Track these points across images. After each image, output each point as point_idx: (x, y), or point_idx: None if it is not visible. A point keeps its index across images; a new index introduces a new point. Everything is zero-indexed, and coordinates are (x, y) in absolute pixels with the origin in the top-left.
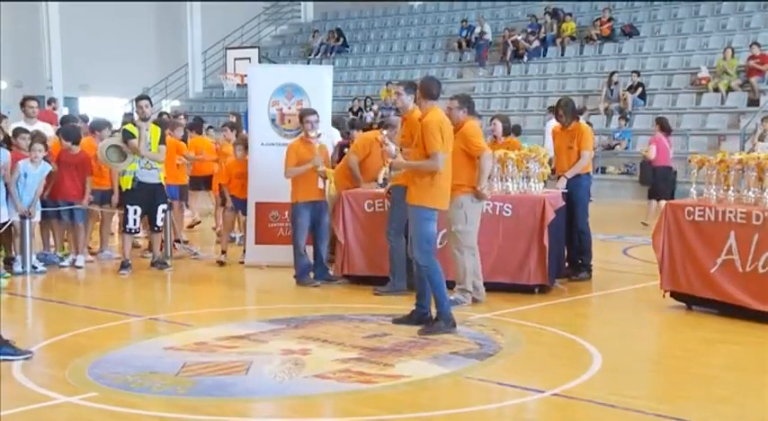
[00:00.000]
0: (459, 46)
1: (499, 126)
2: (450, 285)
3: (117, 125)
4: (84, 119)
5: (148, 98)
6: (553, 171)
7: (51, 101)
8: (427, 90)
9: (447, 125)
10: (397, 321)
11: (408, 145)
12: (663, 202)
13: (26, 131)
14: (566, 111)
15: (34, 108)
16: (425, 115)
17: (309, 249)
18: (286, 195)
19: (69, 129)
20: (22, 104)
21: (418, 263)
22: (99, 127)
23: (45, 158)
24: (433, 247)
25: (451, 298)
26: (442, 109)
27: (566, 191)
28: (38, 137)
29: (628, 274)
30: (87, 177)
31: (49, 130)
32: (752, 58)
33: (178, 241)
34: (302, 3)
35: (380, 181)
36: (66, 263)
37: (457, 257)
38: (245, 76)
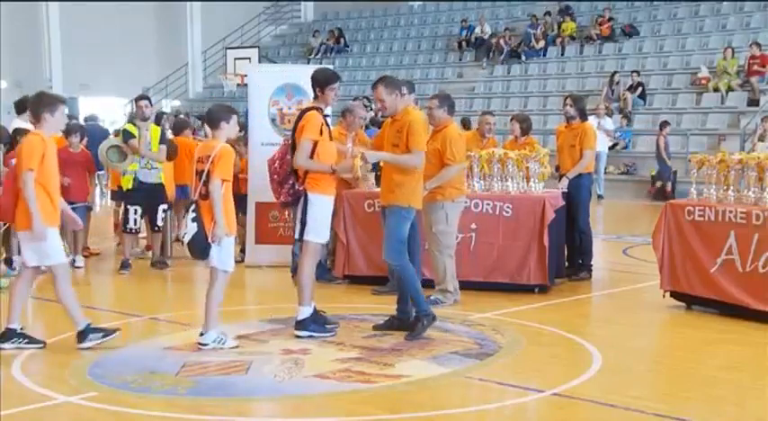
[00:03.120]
0: (459, 46)
1: (517, 127)
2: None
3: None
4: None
5: (148, 98)
6: (557, 168)
7: None
8: (400, 85)
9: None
10: (378, 327)
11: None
12: None
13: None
14: (576, 106)
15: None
16: (408, 112)
17: None
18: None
19: (71, 126)
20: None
21: (391, 263)
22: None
23: None
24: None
25: (431, 297)
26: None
27: (566, 190)
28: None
29: (628, 274)
30: (90, 176)
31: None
32: (752, 58)
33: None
34: (302, 3)
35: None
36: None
37: (437, 258)
38: (245, 75)
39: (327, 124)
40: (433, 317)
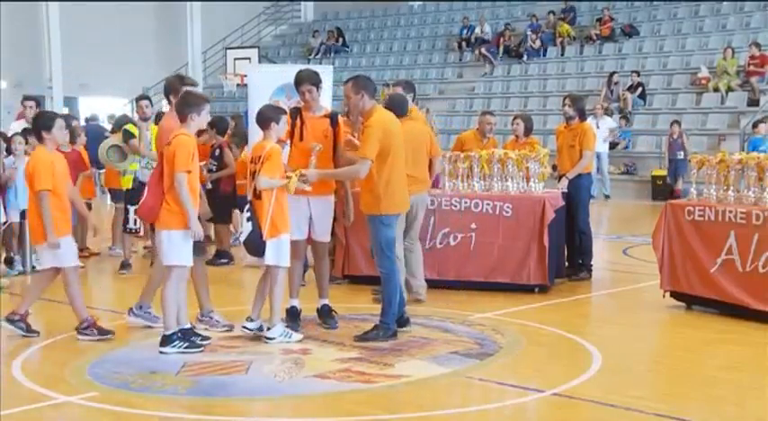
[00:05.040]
0: (459, 46)
1: (521, 125)
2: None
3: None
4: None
5: (148, 98)
6: (554, 167)
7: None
8: (372, 88)
9: (393, 126)
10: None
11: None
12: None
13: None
14: (575, 107)
15: (29, 108)
16: (370, 114)
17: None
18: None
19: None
20: (22, 104)
21: (378, 269)
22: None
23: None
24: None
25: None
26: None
27: (566, 191)
28: (22, 131)
29: (628, 274)
30: (84, 174)
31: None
32: (751, 58)
33: None
34: (302, 3)
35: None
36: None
37: None
38: (245, 76)
39: (301, 123)
40: (394, 334)
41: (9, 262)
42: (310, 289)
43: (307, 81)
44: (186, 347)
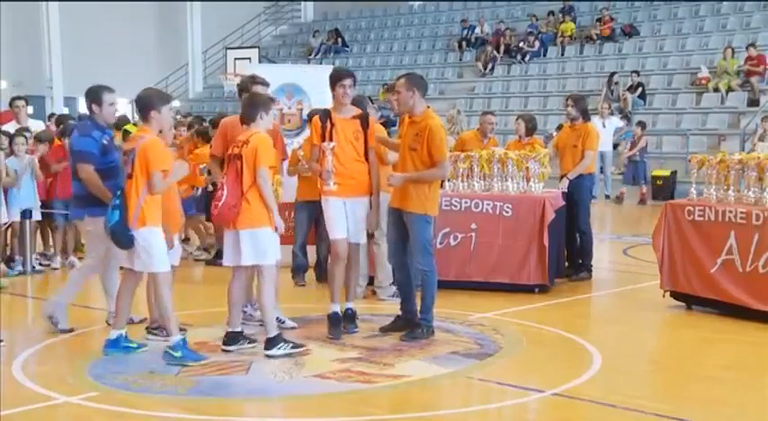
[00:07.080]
0: (459, 46)
1: (523, 126)
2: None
3: None
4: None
5: None
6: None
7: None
8: (425, 87)
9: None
10: (385, 330)
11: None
12: None
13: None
14: (577, 107)
15: (21, 108)
16: (428, 116)
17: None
18: (286, 196)
19: (67, 127)
20: (10, 104)
21: (421, 268)
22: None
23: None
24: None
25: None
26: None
27: (566, 190)
28: (18, 131)
29: (628, 274)
30: None
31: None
32: (749, 59)
33: (187, 239)
34: (302, 3)
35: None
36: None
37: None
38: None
39: (332, 126)
40: (433, 331)
41: (9, 262)
42: (309, 289)
43: (349, 75)
44: (292, 347)
